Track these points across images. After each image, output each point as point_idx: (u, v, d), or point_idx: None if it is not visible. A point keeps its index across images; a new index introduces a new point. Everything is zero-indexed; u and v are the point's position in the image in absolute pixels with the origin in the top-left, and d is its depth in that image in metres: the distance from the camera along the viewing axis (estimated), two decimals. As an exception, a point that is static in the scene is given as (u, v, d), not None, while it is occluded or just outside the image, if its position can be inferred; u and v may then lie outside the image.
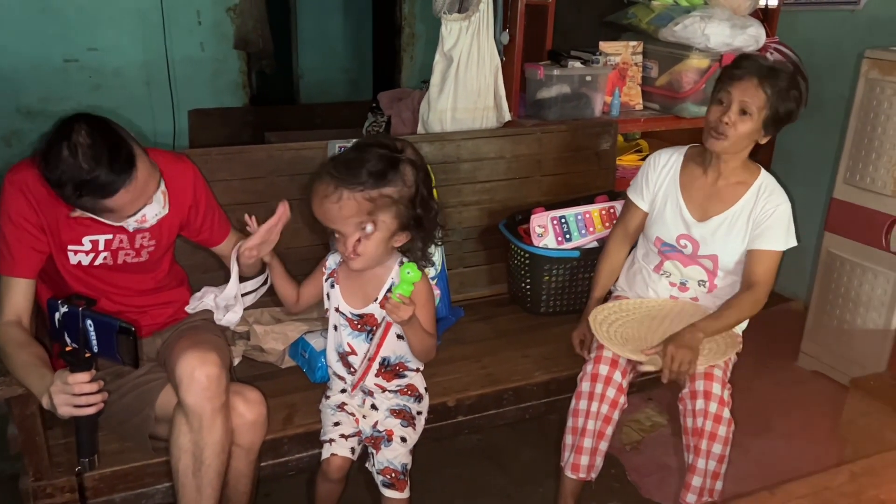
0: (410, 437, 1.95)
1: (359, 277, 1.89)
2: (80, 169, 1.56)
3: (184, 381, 1.70)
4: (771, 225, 2.15)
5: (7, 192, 1.74)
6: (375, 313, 1.88)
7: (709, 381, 2.07)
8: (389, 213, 1.75)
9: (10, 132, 4.05)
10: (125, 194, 1.63)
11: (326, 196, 1.71)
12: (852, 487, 1.50)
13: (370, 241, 1.76)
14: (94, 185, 1.58)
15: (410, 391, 1.98)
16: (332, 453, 1.89)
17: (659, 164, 2.33)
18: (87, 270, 1.84)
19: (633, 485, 2.54)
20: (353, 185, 1.70)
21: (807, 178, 3.60)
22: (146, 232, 1.86)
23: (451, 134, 2.77)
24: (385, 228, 1.76)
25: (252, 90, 4.82)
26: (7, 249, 1.74)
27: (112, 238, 1.82)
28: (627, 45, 3.23)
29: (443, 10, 2.83)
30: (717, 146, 2.13)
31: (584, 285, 2.61)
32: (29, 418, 1.68)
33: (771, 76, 2.07)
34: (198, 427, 1.70)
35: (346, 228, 1.74)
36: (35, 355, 1.66)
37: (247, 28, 4.51)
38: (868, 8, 3.32)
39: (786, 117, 2.11)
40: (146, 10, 4.08)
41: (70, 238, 1.78)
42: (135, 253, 1.88)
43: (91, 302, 1.55)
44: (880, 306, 2.93)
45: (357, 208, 1.71)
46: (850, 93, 3.14)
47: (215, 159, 2.37)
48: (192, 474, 1.72)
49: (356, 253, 1.77)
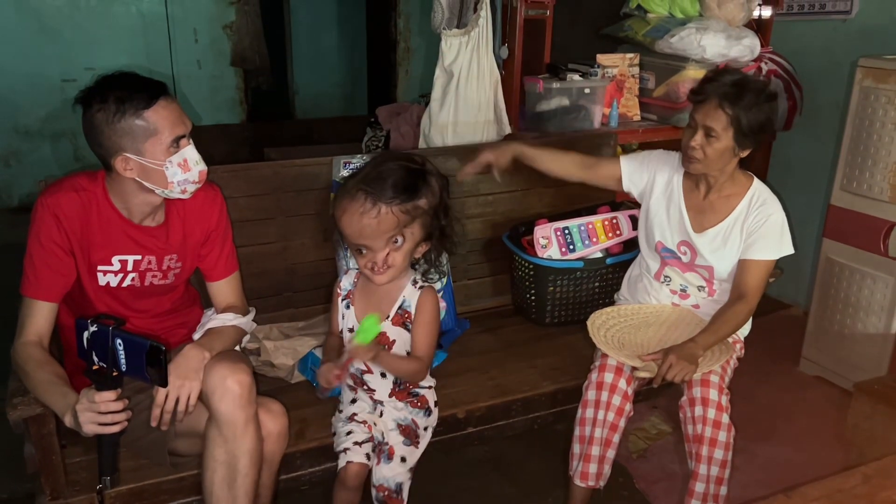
0: (411, 457, 1.95)
1: (373, 296, 1.90)
2: (118, 79, 1.71)
3: (217, 390, 1.70)
4: (763, 234, 2.18)
5: (39, 214, 1.76)
6: (388, 332, 1.89)
7: (706, 387, 2.09)
8: (419, 223, 1.79)
9: (9, 152, 4.06)
10: (164, 107, 1.72)
11: (364, 212, 1.72)
12: (865, 489, 1.51)
13: (399, 253, 1.79)
14: (132, 87, 1.70)
15: (421, 403, 1.99)
16: (349, 461, 1.89)
17: (664, 161, 2.35)
18: (112, 293, 1.85)
19: (641, 493, 2.55)
20: (390, 200, 1.72)
21: (804, 185, 3.65)
22: (174, 253, 1.89)
23: (454, 148, 2.80)
24: (412, 239, 1.80)
25: (249, 106, 4.85)
26: (33, 272, 1.76)
27: (141, 259, 1.85)
28: (624, 58, 3.27)
29: (442, 26, 2.87)
30: (692, 168, 2.18)
31: (588, 295, 2.64)
32: (46, 437, 1.68)
33: (732, 94, 2.06)
34: (232, 436, 1.71)
35: (379, 243, 1.76)
36: (56, 374, 1.67)
37: (244, 45, 4.55)
38: (860, 17, 3.38)
39: (759, 129, 2.09)
40: (147, 30, 4.11)
41: (100, 258, 1.80)
42: (162, 275, 1.90)
43: (120, 322, 1.56)
44: (880, 311, 2.96)
45: (396, 222, 1.74)
46: (844, 101, 3.19)
47: (221, 177, 2.37)
48: (227, 486, 1.72)
49: (387, 265, 1.79)
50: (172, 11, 4.20)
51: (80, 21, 3.99)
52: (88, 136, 1.73)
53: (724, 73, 2.17)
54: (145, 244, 1.86)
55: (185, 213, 1.92)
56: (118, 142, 1.70)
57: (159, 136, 1.72)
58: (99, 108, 1.68)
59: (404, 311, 1.89)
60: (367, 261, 1.79)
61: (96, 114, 1.69)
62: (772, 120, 2.14)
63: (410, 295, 1.88)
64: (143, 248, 1.82)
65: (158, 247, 1.88)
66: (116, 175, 1.76)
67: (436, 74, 2.94)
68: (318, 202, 2.46)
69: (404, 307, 1.89)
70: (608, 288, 2.64)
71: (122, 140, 1.70)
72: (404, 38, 5.08)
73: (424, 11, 4.45)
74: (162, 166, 1.74)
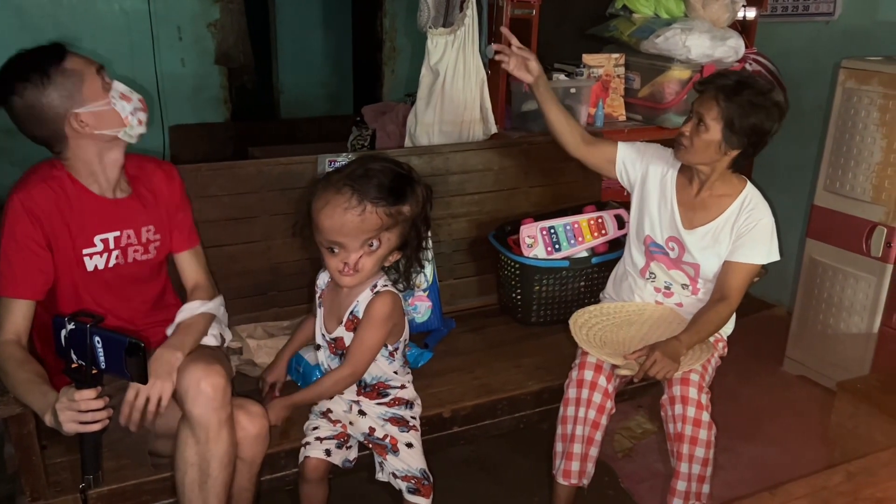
0: (416, 441, 1.96)
1: (335, 299, 1.88)
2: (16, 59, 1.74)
3: (190, 392, 1.69)
4: (752, 238, 2.19)
5: (12, 211, 1.74)
6: (344, 337, 1.88)
7: (685, 385, 2.10)
8: (397, 230, 1.75)
9: (-5, 149, 4.01)
10: (73, 54, 1.75)
11: (349, 208, 1.69)
12: (849, 487, 1.53)
13: (371, 258, 1.76)
14: (36, 56, 1.72)
15: (397, 402, 1.98)
16: (306, 455, 1.93)
17: (660, 156, 2.36)
18: (101, 278, 1.85)
19: (626, 492, 2.56)
20: (377, 200, 1.70)
21: (788, 185, 3.67)
22: (150, 224, 1.91)
23: (440, 147, 2.79)
24: (387, 245, 1.77)
25: (233, 105, 4.81)
26: (10, 270, 1.73)
27: (120, 235, 1.85)
28: (610, 58, 3.27)
29: (428, 25, 2.86)
30: (678, 155, 2.23)
31: (574, 295, 2.64)
32: (26, 437, 1.66)
33: (731, 89, 2.09)
34: (204, 439, 1.69)
35: (356, 242, 1.73)
36: (35, 373, 1.64)
37: (228, 43, 4.51)
38: (843, 19, 3.40)
39: (749, 130, 2.09)
40: (130, 27, 4.07)
41: (83, 241, 1.80)
42: (143, 249, 1.91)
43: (98, 319, 1.54)
44: (862, 310, 2.98)
45: (378, 223, 1.71)
46: (827, 102, 3.21)
47: (205, 175, 2.36)
48: (198, 488, 1.71)
49: (356, 269, 1.75)
50: (156, 9, 4.15)
51: (63, 18, 3.93)
52: (27, 123, 1.73)
53: (737, 72, 2.22)
54: (121, 218, 1.86)
55: (150, 186, 1.94)
56: (61, 104, 1.71)
57: (89, 78, 1.74)
58: (24, 88, 1.68)
59: (353, 317, 1.86)
60: (338, 261, 1.75)
61: (26, 94, 1.69)
62: (766, 127, 2.11)
63: (364, 299, 1.85)
64: (120, 222, 1.84)
65: (133, 218, 1.88)
66: (74, 144, 1.76)
67: (422, 73, 2.93)
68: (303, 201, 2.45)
69: (354, 312, 1.86)
70: (594, 287, 2.64)
71: (63, 101, 1.71)
72: (390, 37, 5.06)
73: (410, 10, 4.44)
74: (109, 104, 1.76)
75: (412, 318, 2.52)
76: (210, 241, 2.25)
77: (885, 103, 2.81)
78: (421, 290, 2.53)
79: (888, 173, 2.82)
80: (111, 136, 1.79)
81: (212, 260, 2.16)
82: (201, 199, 2.34)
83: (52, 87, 1.69)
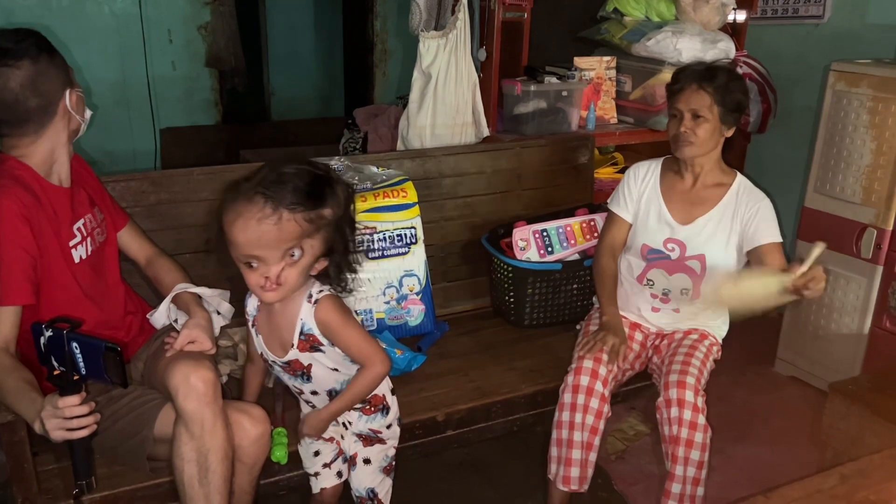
0: (375, 458, 1.90)
1: (272, 323, 1.75)
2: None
3: (181, 388, 1.67)
4: (762, 218, 2.23)
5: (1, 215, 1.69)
6: (299, 358, 1.75)
7: (682, 389, 2.09)
8: (319, 236, 1.60)
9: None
10: None
11: (263, 218, 1.52)
12: (844, 489, 1.53)
13: (294, 269, 1.59)
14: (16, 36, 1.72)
15: (374, 405, 1.88)
16: (322, 487, 1.89)
17: (640, 176, 2.39)
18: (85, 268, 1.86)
19: (619, 494, 2.56)
20: (293, 206, 1.53)
21: (778, 187, 3.65)
22: (95, 206, 1.96)
23: (433, 150, 2.79)
24: (311, 253, 1.61)
25: (224, 108, 4.80)
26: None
27: (85, 221, 1.89)
28: (601, 61, 3.28)
29: (420, 28, 2.86)
30: (687, 152, 2.24)
31: (566, 297, 2.64)
32: (17, 445, 1.65)
33: (707, 77, 2.19)
34: (199, 433, 1.67)
35: (275, 254, 1.56)
36: (24, 380, 1.62)
37: (219, 46, 4.51)
38: (832, 22, 3.43)
39: (737, 106, 2.21)
40: (120, 30, 4.05)
41: (67, 234, 1.81)
42: (100, 229, 1.95)
43: (76, 324, 1.52)
44: (853, 311, 3.00)
45: (297, 231, 1.55)
46: (817, 104, 3.23)
47: (197, 179, 2.36)
48: (198, 483, 1.69)
49: (278, 283, 1.59)
50: (146, 12, 4.15)
51: (52, 22, 3.92)
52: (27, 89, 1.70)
53: (692, 63, 2.34)
54: (79, 204, 1.89)
55: (77, 173, 1.93)
56: (65, 78, 1.77)
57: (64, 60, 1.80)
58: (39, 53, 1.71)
59: (308, 336, 1.72)
60: (258, 276, 1.58)
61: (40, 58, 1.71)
62: (746, 99, 2.26)
63: (308, 316, 1.70)
64: (80, 208, 1.87)
65: (84, 203, 1.91)
66: (53, 128, 1.77)
67: (414, 76, 2.94)
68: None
69: (305, 332, 1.72)
70: (586, 290, 2.65)
71: (65, 76, 1.77)
72: (381, 40, 5.06)
73: (402, 13, 4.45)
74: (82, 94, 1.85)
75: (405, 321, 2.52)
76: (201, 245, 2.24)
77: (875, 106, 2.83)
78: (414, 294, 2.53)
79: (878, 175, 2.84)
80: (78, 124, 1.85)
81: (202, 264, 2.15)
82: (193, 203, 2.33)
83: (60, 61, 1.75)
